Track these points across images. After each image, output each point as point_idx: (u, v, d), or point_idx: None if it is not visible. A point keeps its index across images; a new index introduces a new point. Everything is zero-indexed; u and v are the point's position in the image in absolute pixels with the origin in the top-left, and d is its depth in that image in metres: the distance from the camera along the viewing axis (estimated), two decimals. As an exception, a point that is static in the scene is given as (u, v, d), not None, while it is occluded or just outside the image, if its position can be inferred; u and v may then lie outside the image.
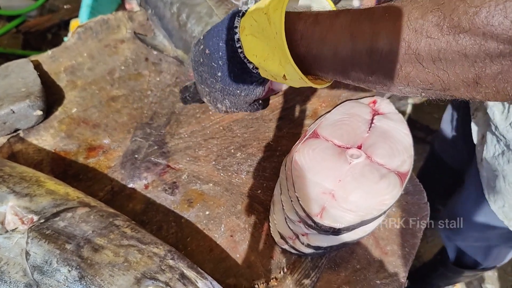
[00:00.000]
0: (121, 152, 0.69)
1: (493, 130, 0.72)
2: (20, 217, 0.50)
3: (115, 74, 0.79)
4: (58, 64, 0.81)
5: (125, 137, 0.71)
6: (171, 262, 0.50)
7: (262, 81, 0.53)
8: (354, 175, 0.55)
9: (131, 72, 0.80)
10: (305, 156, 0.56)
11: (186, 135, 0.70)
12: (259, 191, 0.64)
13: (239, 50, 0.48)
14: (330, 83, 0.48)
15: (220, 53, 0.50)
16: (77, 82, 0.78)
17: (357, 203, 0.53)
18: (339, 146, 0.58)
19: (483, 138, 0.79)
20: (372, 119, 0.62)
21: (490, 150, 0.75)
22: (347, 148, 0.58)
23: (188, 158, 0.68)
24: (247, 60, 0.49)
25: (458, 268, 1.12)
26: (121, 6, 1.49)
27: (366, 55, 0.39)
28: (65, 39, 1.38)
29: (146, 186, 0.65)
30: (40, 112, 0.71)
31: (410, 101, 1.91)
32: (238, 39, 0.48)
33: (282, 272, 0.57)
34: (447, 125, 1.05)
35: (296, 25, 0.43)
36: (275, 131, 0.70)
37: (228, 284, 0.56)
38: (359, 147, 0.58)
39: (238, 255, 0.59)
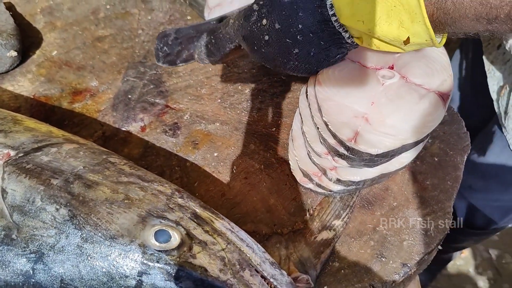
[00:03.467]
0: (112, 94, 0.60)
1: None
2: (-7, 152, 0.41)
3: (100, 14, 0.70)
4: (33, 5, 0.71)
5: (115, 78, 0.61)
6: (180, 200, 0.42)
7: (346, 53, 0.46)
8: (389, 96, 0.47)
9: (118, 11, 0.70)
10: (330, 77, 0.48)
11: (185, 73, 0.61)
12: (274, 128, 0.56)
13: (334, 19, 0.40)
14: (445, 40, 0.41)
15: (300, 26, 0.41)
16: (56, 23, 0.69)
17: (396, 126, 0.45)
18: (368, 67, 0.50)
19: (502, 89, 0.72)
20: (401, 40, 0.54)
21: None
22: (377, 69, 0.50)
23: (189, 97, 0.59)
24: (343, 29, 0.41)
25: (468, 230, 1.06)
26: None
27: None
28: None
29: (143, 129, 0.56)
30: (14, 53, 0.61)
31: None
32: (331, 5, 0.40)
33: (307, 214, 0.49)
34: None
35: None
36: (287, 66, 0.62)
37: (245, 230, 0.48)
38: (391, 68, 0.50)
39: (254, 199, 0.51)
